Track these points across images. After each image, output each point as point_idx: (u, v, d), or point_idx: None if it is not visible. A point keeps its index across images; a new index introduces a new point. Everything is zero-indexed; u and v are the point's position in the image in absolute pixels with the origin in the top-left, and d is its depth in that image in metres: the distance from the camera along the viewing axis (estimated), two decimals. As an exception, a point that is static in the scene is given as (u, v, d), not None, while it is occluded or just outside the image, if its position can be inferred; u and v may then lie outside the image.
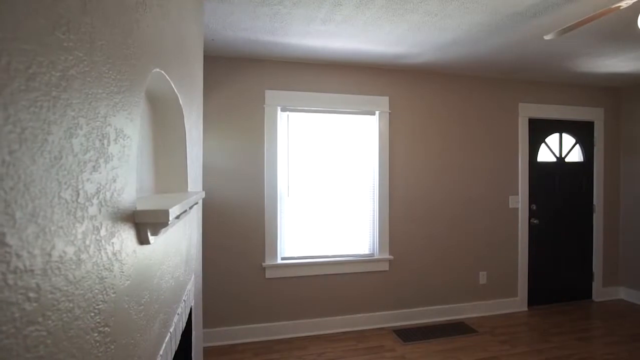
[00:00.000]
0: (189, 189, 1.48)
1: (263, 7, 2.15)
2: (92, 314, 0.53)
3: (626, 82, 3.92)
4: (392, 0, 2.05)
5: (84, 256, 0.51)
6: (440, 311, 3.56)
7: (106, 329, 0.58)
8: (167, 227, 0.99)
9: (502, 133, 3.76)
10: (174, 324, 1.19)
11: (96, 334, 0.54)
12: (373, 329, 3.33)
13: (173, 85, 1.19)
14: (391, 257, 3.40)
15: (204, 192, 1.60)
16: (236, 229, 3.07)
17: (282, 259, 3.21)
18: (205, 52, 2.90)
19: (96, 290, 0.55)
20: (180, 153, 1.43)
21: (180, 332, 1.33)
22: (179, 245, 1.35)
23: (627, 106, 4.12)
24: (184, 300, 1.42)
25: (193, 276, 1.75)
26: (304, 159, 3.26)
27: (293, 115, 3.23)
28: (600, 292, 4.11)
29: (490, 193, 3.72)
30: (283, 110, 3.20)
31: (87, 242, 0.52)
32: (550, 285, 3.97)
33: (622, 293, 4.16)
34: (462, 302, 3.63)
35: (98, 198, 0.56)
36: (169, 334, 1.10)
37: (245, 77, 3.09)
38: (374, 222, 3.41)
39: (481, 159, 3.69)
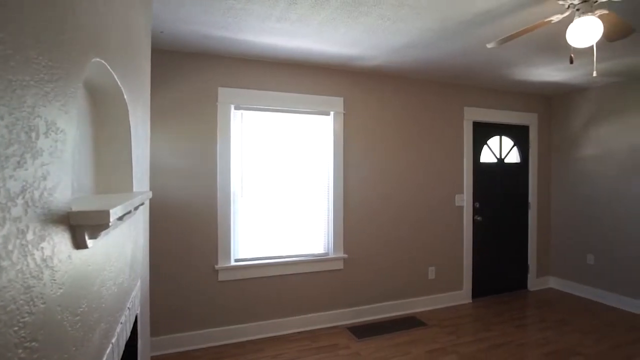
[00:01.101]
0: (134, 189, 1.39)
1: (216, 1, 2.08)
2: (16, 328, 0.47)
3: (556, 90, 4.30)
4: (346, 2, 2.08)
5: (5, 263, 0.45)
6: (393, 307, 3.67)
7: (33, 344, 0.52)
8: (109, 229, 0.92)
9: (449, 135, 3.96)
10: (116, 333, 1.11)
11: (21, 351, 0.48)
12: (328, 328, 3.35)
13: (116, 78, 1.11)
14: (345, 255, 3.45)
15: (150, 193, 1.51)
16: (187, 231, 2.95)
17: (236, 260, 3.13)
18: (154, 45, 2.75)
19: (21, 301, 0.49)
20: (124, 151, 1.34)
21: (124, 342, 1.24)
22: (122, 248, 1.26)
23: (556, 113, 4.53)
24: (128, 308, 1.33)
25: (139, 282, 1.64)
26: (258, 158, 3.20)
27: (247, 113, 3.16)
28: (534, 282, 4.48)
29: (438, 192, 3.90)
30: (237, 108, 3.12)
31: (10, 248, 0.46)
32: (492, 278, 4.25)
33: (552, 282, 4.56)
34: (413, 297, 3.78)
35: (24, 197, 0.50)
36: (110, 345, 1.02)
37: (198, 74, 2.97)
38: (328, 222, 3.44)
39: (430, 160, 3.86)
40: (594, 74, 2.28)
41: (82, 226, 0.71)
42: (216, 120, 3.02)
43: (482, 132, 4.19)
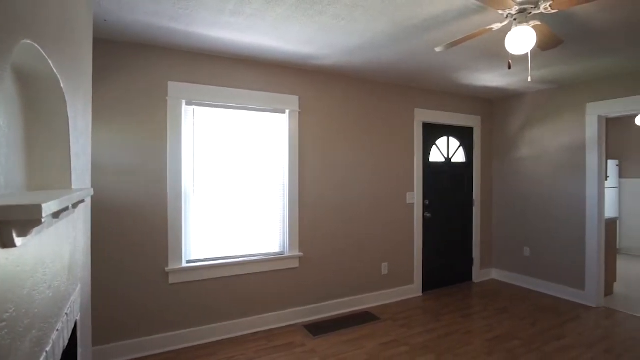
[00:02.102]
0: (73, 187, 1.29)
1: (165, -10, 1.99)
2: None
3: (497, 95, 4.62)
4: (302, 0, 2.08)
5: None
6: (348, 303, 3.74)
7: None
8: (41, 227, 0.85)
9: (401, 135, 4.11)
10: (51, 341, 1.02)
11: None
12: (284, 327, 3.34)
13: (52, 65, 1.02)
14: (301, 254, 3.45)
15: (92, 190, 1.41)
16: (135, 232, 2.79)
17: (188, 262, 3.02)
18: (97, 34, 2.57)
19: None
20: (61, 145, 1.24)
21: (62, 351, 1.15)
22: (60, 249, 1.17)
23: (497, 115, 4.86)
24: (66, 314, 1.23)
25: (79, 286, 1.53)
26: (212, 156, 3.11)
27: (200, 109, 3.06)
28: (478, 274, 4.77)
29: (390, 190, 4.03)
30: (189, 104, 3.01)
31: None
32: (441, 271, 4.47)
33: (495, 274, 4.90)
34: (367, 292, 3.87)
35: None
36: (44, 353, 0.94)
37: (146, 66, 2.82)
38: (284, 220, 3.43)
39: (383, 159, 3.98)
40: (529, 79, 2.47)
41: (9, 222, 0.64)
42: (166, 115, 2.89)
43: (431, 133, 4.39)
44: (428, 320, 3.51)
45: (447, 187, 4.53)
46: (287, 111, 3.39)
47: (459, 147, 4.66)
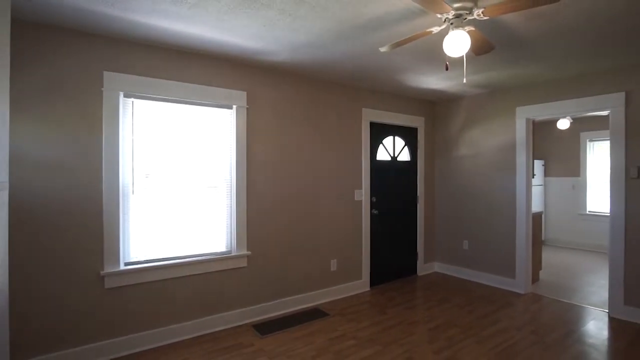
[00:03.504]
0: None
1: (97, -29, 1.85)
2: None
3: (439, 97, 4.88)
4: (247, -9, 2.04)
5: None
6: (298, 300, 3.73)
7: None
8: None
9: (349, 133, 4.19)
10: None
11: None
12: (232, 328, 3.26)
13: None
14: (249, 252, 3.39)
15: (6, 183, 1.27)
16: (67, 232, 2.56)
17: (126, 264, 2.84)
18: (20, 16, 2.33)
19: None
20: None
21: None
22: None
23: (439, 117, 5.14)
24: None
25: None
26: (154, 152, 2.95)
27: (140, 102, 2.89)
28: (422, 267, 5.01)
29: (339, 187, 4.09)
30: (127, 96, 2.83)
31: None
32: (387, 266, 4.63)
33: (437, 267, 5.17)
34: (317, 289, 3.90)
35: None
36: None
37: (78, 54, 2.60)
38: (231, 219, 3.34)
39: (332, 157, 4.03)
40: (464, 80, 2.63)
41: None
42: (101, 108, 2.69)
43: (378, 132, 4.53)
44: (375, 313, 3.61)
45: (393, 184, 4.70)
46: (234, 107, 3.31)
47: (404, 146, 4.86)
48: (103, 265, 2.70)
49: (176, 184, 3.06)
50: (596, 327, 3.27)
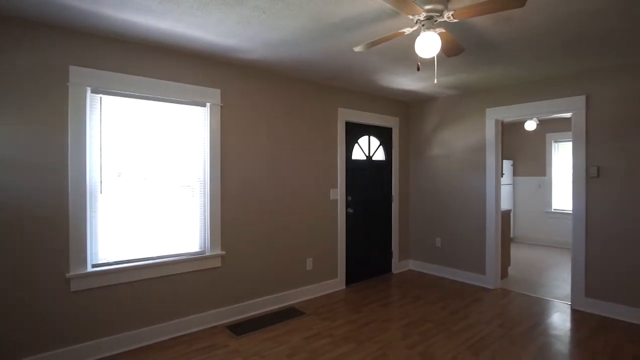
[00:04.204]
0: None
1: (61, -39, 1.78)
2: None
3: (413, 98, 4.98)
4: (220, -13, 2.02)
5: None
6: (273, 300, 3.72)
7: None
8: None
9: (325, 133, 4.21)
10: None
11: None
12: (207, 329, 3.20)
13: None
14: (223, 252, 3.35)
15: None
16: (30, 234, 2.44)
17: (94, 266, 2.74)
18: (-28, 3, 2.20)
19: None
20: None
21: None
22: None
23: (413, 117, 5.25)
24: None
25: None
26: (124, 150, 2.86)
27: (109, 99, 2.79)
28: (397, 265, 5.09)
29: (315, 186, 4.10)
30: (95, 91, 2.73)
31: None
32: (362, 265, 4.68)
33: (412, 264, 5.27)
34: (292, 288, 3.89)
35: None
36: None
37: (42, 47, 2.49)
38: (204, 218, 3.29)
39: (308, 156, 4.04)
40: (435, 81, 2.70)
41: None
42: (67, 104, 2.59)
43: (354, 132, 4.58)
44: (350, 311, 3.64)
45: (368, 184, 4.75)
46: (208, 104, 3.26)
47: (379, 146, 4.93)
48: (69, 267, 2.60)
49: (149, 183, 2.98)
50: (560, 319, 3.43)
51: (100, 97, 2.75)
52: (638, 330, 3.17)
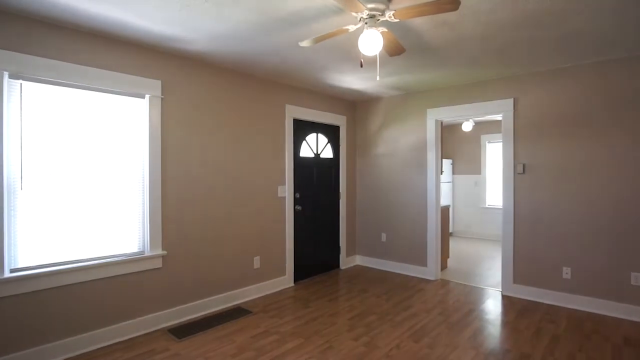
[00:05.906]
0: None
1: None
2: None
3: (359, 97, 5.11)
4: (157, -30, 1.92)
5: None
6: (219, 300, 3.61)
7: None
8: None
9: (273, 129, 4.17)
10: None
11: None
12: (146, 334, 3.02)
13: None
14: (164, 252, 3.18)
15: None
16: None
17: (13, 270, 2.47)
18: None
19: None
20: None
21: None
22: None
23: (360, 116, 5.38)
24: None
25: None
26: (49, 143, 2.61)
27: (31, 85, 2.53)
28: (345, 261, 5.19)
29: (262, 184, 4.05)
30: (14, 77, 2.46)
31: None
32: (311, 261, 4.71)
33: (358, 260, 5.40)
34: (239, 287, 3.81)
35: None
36: None
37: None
38: (144, 217, 3.11)
39: (255, 152, 3.97)
40: (377, 78, 2.79)
41: None
42: (-22, 89, 2.31)
43: (302, 129, 4.59)
44: (298, 308, 3.64)
45: (316, 181, 4.79)
46: (147, 96, 3.09)
47: (327, 143, 4.99)
48: (-19, 273, 2.32)
49: (81, 179, 2.74)
50: (492, 304, 3.71)
51: (21, 84, 2.49)
52: (557, 311, 3.52)
